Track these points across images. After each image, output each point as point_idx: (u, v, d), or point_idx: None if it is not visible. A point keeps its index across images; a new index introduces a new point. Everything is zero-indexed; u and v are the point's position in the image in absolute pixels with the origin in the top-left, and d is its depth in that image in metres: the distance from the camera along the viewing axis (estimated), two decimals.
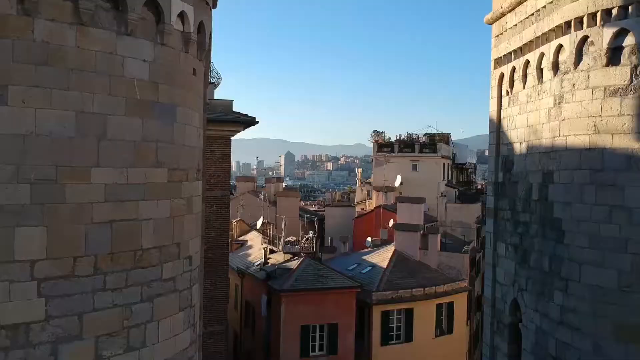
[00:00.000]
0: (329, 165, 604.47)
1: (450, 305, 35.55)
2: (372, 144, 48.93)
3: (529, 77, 12.31)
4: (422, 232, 38.01)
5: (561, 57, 10.95)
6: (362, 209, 51.77)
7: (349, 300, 31.40)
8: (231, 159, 22.35)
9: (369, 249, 41.77)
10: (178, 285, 9.15)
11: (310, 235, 35.28)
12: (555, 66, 11.07)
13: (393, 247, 37.64)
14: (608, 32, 9.81)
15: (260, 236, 39.50)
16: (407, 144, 46.92)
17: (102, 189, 7.89)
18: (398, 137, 50.02)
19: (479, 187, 64.67)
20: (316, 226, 36.03)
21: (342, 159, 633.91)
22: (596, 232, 9.97)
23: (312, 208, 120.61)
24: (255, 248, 39.02)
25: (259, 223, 39.29)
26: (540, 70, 11.73)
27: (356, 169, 66.97)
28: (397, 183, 46.61)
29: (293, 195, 57.40)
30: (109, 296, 7.99)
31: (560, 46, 10.91)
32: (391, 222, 43.04)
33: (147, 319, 8.50)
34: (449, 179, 50.26)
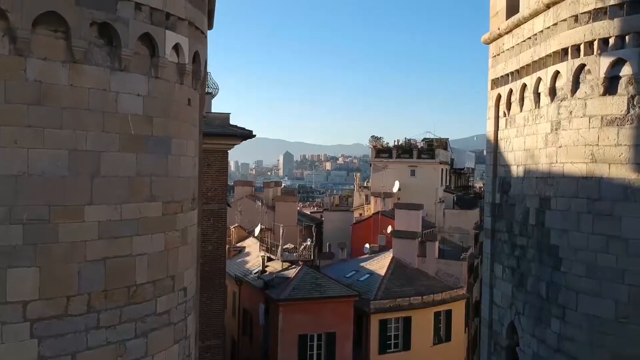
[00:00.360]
0: (328, 165, 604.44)
1: (449, 313, 35.55)
2: (370, 149, 48.89)
3: (526, 101, 12.27)
4: (420, 239, 37.99)
5: (558, 84, 10.90)
6: (360, 214, 51.76)
7: (347, 309, 31.38)
8: (228, 172, 22.27)
9: (367, 255, 41.76)
10: (172, 318, 9.09)
11: (308, 243, 35.23)
12: (552, 92, 11.02)
13: (391, 255, 37.64)
14: (605, 62, 9.77)
15: (258, 243, 39.47)
16: (405, 150, 46.88)
17: (95, 226, 7.83)
18: (396, 143, 49.98)
19: (478, 190, 64.75)
20: (314, 234, 35.90)
21: (340, 159, 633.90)
22: (593, 261, 9.93)
23: (311, 210, 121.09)
24: (253, 255, 38.97)
25: (257, 230, 39.22)
26: (537, 95, 11.68)
27: (354, 174, 66.74)
28: (395, 189, 46.57)
29: (291, 200, 57.41)
30: (103, 334, 7.93)
31: (557, 72, 10.86)
32: (389, 229, 43.02)
33: (142, 354, 8.44)
34: (447, 184, 50.23)
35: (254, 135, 20.73)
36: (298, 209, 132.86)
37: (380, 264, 37.46)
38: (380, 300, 32.67)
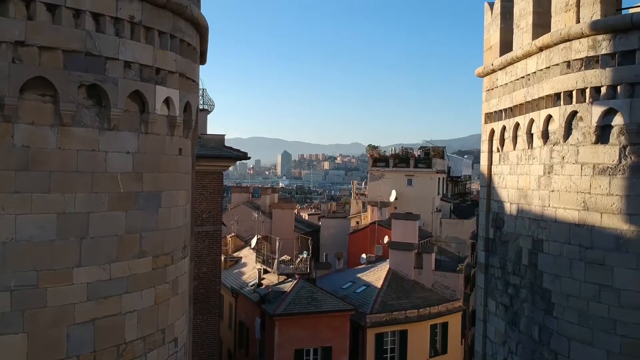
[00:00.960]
0: (326, 165, 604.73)
1: (445, 325, 35.57)
2: (368, 158, 48.85)
3: (519, 140, 12.25)
4: (416, 251, 37.99)
5: (551, 127, 10.89)
6: (357, 222, 51.75)
7: (343, 323, 31.39)
8: (222, 194, 22.23)
9: (364, 265, 41.78)
10: None
11: (304, 255, 35.19)
12: (545, 135, 11.00)
13: (387, 266, 37.64)
14: (597, 110, 9.76)
15: (255, 255, 39.41)
16: (402, 159, 46.87)
17: (84, 288, 7.80)
18: (393, 151, 49.97)
19: (475, 195, 64.77)
20: (310, 247, 35.84)
21: (338, 159, 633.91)
22: (585, 309, 9.92)
23: (308, 212, 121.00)
24: (249, 266, 38.94)
25: (254, 242, 39.16)
26: (530, 136, 11.66)
27: (352, 181, 66.77)
28: (392, 198, 46.56)
29: (288, 207, 57.44)
30: None
31: (549, 116, 10.85)
32: (386, 239, 43.07)
33: None
34: (444, 192, 50.23)
35: (249, 158, 20.73)
36: (296, 211, 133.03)
37: (376, 276, 37.45)
38: (377, 314, 32.68)
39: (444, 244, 45.62)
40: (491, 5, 13.94)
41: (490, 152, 13.85)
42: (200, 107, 27.15)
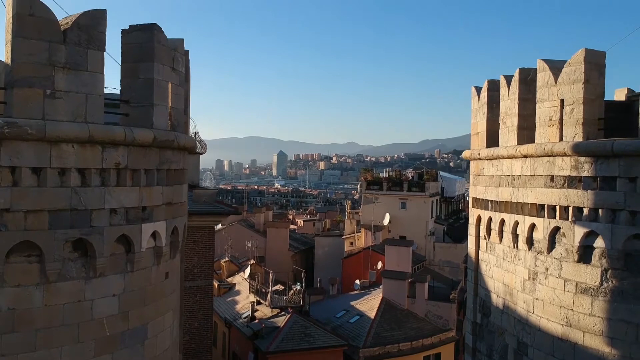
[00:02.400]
0: (322, 165, 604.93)
1: (438, 356, 35.75)
2: (361, 181, 49.00)
3: (504, 235, 12.36)
4: (409, 280, 38.12)
5: (535, 236, 11.00)
6: (352, 242, 51.81)
7: (336, 358, 31.50)
8: (214, 248, 22.30)
9: (358, 291, 41.94)
10: None
11: (298, 287, 35.25)
12: (530, 242, 11.12)
13: (381, 295, 37.77)
14: (579, 231, 9.87)
15: (248, 284, 39.39)
16: (396, 182, 47.00)
17: None
18: (388, 173, 50.13)
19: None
20: (304, 278, 35.88)
21: (334, 159, 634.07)
22: None
23: (304, 218, 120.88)
24: (243, 295, 39.00)
25: (247, 272, 39.19)
26: (515, 236, 11.77)
27: (345, 201, 66.92)
28: (385, 221, 46.69)
29: (282, 226, 57.47)
30: None
31: (533, 225, 10.96)
32: (379, 264, 43.21)
33: None
34: (438, 214, 50.39)
35: (240, 213, 20.72)
36: (291, 217, 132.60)
37: (369, 305, 37.58)
38: (370, 348, 32.79)
39: (437, 267, 45.78)
40: (478, 90, 14.05)
41: (478, 237, 13.96)
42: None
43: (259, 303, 35.70)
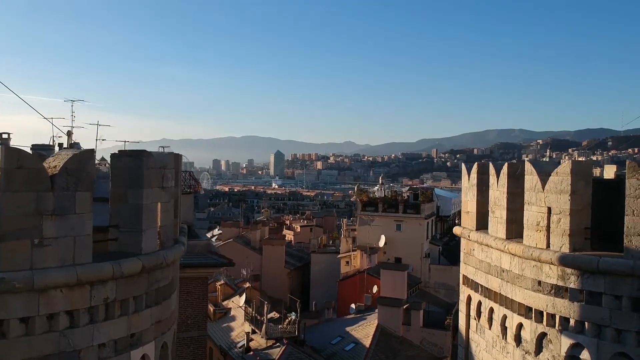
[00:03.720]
0: (319, 165, 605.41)
1: None
2: (357, 201, 49.09)
3: (494, 324, 12.44)
4: (405, 306, 38.25)
5: (523, 334, 11.09)
6: (347, 262, 51.90)
7: None
8: (208, 298, 22.35)
9: (353, 316, 42.04)
10: None
11: (293, 316, 35.33)
12: (518, 340, 11.21)
13: (376, 321, 37.87)
14: (566, 341, 9.97)
15: (244, 307, 39.47)
16: (391, 204, 47.11)
17: None
18: (383, 193, 50.24)
19: None
20: (299, 308, 35.90)
21: (331, 158, 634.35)
22: None
23: (301, 224, 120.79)
24: (238, 321, 39.07)
25: (242, 300, 39.24)
26: (504, 328, 11.86)
27: (342, 220, 66.99)
28: (381, 243, 46.82)
29: (278, 243, 57.63)
30: None
31: (521, 324, 11.05)
32: (375, 288, 43.35)
33: None
34: (433, 234, 50.52)
35: (233, 264, 20.82)
36: (288, 222, 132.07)
37: (365, 332, 37.66)
38: None
39: (432, 290, 45.93)
40: (468, 170, 14.14)
41: (468, 315, 14.05)
42: (187, 189, 27.26)
43: (254, 332, 35.78)
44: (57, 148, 21.64)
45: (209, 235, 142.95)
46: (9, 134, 17.84)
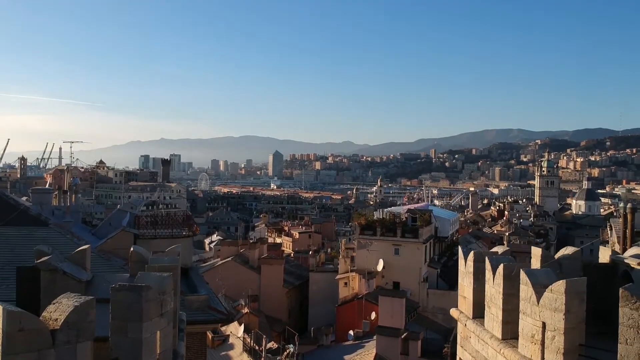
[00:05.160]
0: (317, 165, 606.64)
1: None
2: (355, 225, 49.26)
3: None
4: (403, 336, 38.40)
5: None
6: (346, 283, 52.08)
7: None
8: (206, 353, 22.45)
9: (351, 342, 42.21)
10: None
11: (292, 349, 35.46)
12: None
13: (374, 351, 38.06)
14: None
15: (242, 336, 39.58)
16: (389, 228, 47.29)
17: None
18: (381, 215, 50.44)
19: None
20: (297, 343, 36.03)
21: (330, 159, 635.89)
22: None
23: (299, 230, 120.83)
24: (237, 350, 39.09)
25: (240, 330, 39.34)
26: None
27: (340, 240, 67.26)
28: (379, 267, 47.00)
29: (276, 262, 57.75)
30: None
31: None
32: (373, 315, 43.53)
33: None
34: (432, 256, 50.72)
35: (233, 320, 20.90)
36: (286, 228, 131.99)
37: None
38: None
39: (430, 314, 46.10)
40: (465, 255, 14.27)
41: None
42: (186, 233, 27.39)
43: None
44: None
45: (207, 241, 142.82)
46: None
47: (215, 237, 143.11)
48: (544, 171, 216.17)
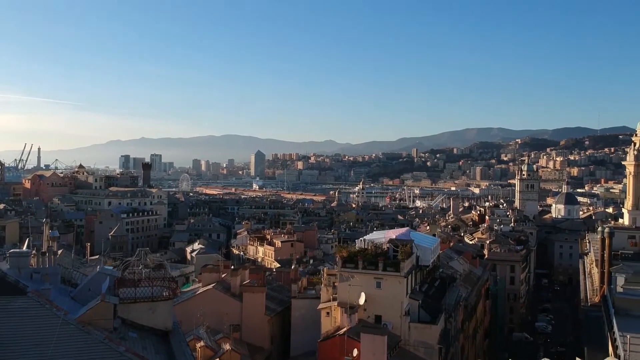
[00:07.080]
0: (300, 165, 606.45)
1: None
2: (337, 257, 49.20)
3: None
4: None
5: None
6: (328, 313, 52.07)
7: None
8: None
9: None
10: None
11: None
12: None
13: None
14: None
15: None
16: (371, 262, 47.29)
17: None
18: (363, 245, 50.49)
19: (446, 272, 65.85)
20: None
21: (312, 158, 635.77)
22: None
23: (281, 239, 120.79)
24: None
25: None
26: None
27: (322, 268, 67.32)
28: (361, 301, 47.00)
29: (258, 290, 57.46)
30: None
31: None
32: (355, 352, 43.57)
33: None
34: (413, 286, 50.84)
35: None
36: (269, 237, 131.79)
37: None
38: None
39: (412, 348, 46.26)
40: None
41: None
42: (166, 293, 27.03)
43: None
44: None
45: (188, 249, 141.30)
46: None
47: (197, 246, 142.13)
48: (524, 175, 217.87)
